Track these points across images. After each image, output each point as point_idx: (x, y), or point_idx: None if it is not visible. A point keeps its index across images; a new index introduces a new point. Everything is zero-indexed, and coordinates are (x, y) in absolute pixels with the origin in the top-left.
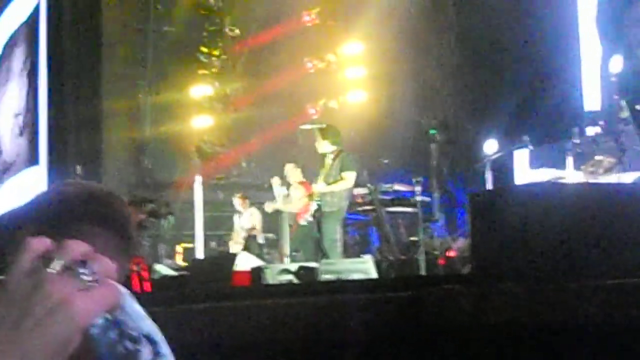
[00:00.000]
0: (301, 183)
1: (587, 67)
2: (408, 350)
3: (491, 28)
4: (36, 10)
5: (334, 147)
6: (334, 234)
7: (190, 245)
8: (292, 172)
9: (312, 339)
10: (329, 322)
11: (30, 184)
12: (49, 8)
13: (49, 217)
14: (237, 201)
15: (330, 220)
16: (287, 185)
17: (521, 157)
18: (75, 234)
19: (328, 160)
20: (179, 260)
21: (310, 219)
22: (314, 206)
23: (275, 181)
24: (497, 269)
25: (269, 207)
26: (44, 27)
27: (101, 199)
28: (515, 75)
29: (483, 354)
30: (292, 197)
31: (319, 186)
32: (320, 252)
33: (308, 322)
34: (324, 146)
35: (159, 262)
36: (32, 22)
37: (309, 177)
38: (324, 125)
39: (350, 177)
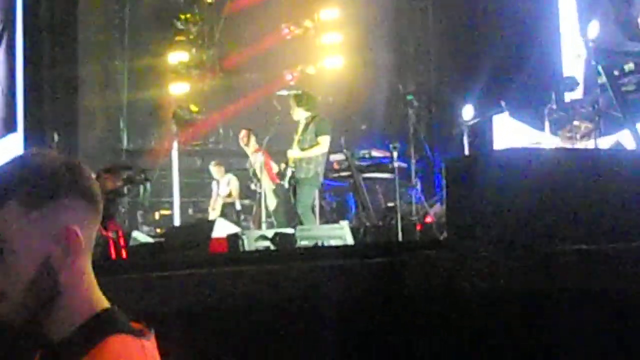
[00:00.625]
0: (256, 150)
1: (566, 33)
2: (385, 316)
3: None
4: None
5: (309, 114)
6: (309, 199)
7: (168, 212)
8: (245, 138)
9: (289, 306)
10: (306, 288)
11: (9, 151)
12: None
13: (33, 189)
14: (213, 169)
15: (305, 187)
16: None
17: (500, 123)
18: (59, 206)
19: (300, 126)
20: (157, 227)
21: (286, 185)
22: (288, 172)
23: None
24: (473, 235)
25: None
26: None
27: (74, 170)
28: (493, 41)
29: (460, 319)
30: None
31: (294, 152)
32: (297, 218)
33: (285, 289)
34: (298, 113)
35: (137, 229)
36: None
37: (283, 143)
38: (299, 92)
39: (324, 141)
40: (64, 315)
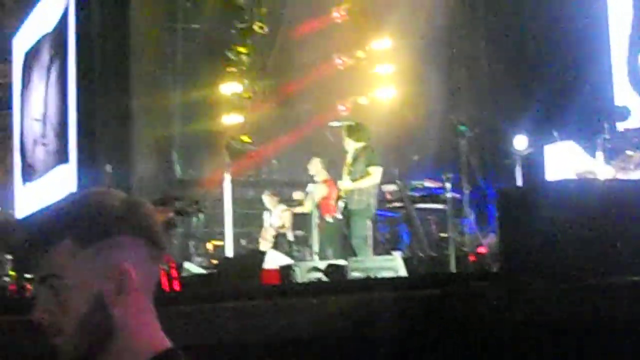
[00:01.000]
0: (324, 181)
1: (617, 62)
2: (436, 348)
3: (521, 23)
4: (64, 16)
5: (359, 144)
6: (362, 231)
7: (221, 243)
8: (316, 167)
9: (341, 337)
10: (358, 320)
11: (60, 182)
12: (77, 7)
13: (87, 227)
14: (266, 199)
15: (358, 218)
16: (312, 181)
17: (552, 153)
18: (113, 244)
19: (350, 157)
20: (210, 258)
21: (339, 216)
22: (340, 204)
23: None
24: (525, 267)
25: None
26: (72, 28)
27: (133, 208)
28: (546, 70)
29: (511, 351)
30: (315, 195)
31: (345, 183)
32: (350, 250)
33: (337, 321)
34: (348, 143)
35: (189, 260)
36: (59, 27)
37: (337, 174)
38: (350, 123)
39: (376, 172)
40: (121, 353)
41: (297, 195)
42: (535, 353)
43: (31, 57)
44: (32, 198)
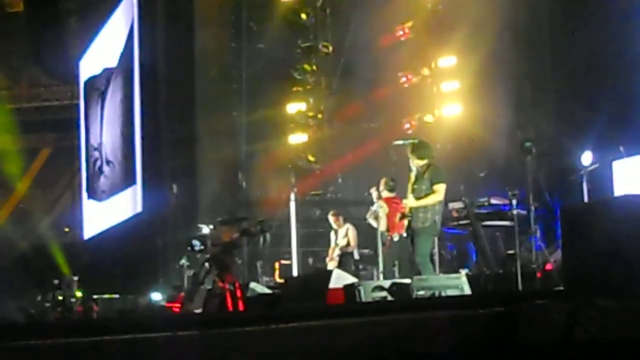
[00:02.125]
0: (386, 200)
1: None
2: None
3: (585, 39)
4: (129, 31)
5: (423, 162)
6: (426, 249)
7: (288, 262)
8: (382, 187)
9: (404, 355)
10: (422, 339)
11: (127, 203)
12: (142, 29)
13: None
14: (331, 219)
15: (423, 236)
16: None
17: (621, 169)
18: None
19: (413, 175)
20: (277, 277)
21: (404, 234)
22: (405, 222)
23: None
24: (590, 284)
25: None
26: (137, 50)
27: None
28: (611, 86)
29: None
30: (379, 214)
31: (409, 201)
32: (415, 268)
33: (402, 340)
34: (413, 161)
35: (256, 280)
36: (126, 44)
37: (402, 192)
38: (415, 141)
39: (440, 189)
40: None
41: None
42: None
43: (98, 82)
44: (99, 219)
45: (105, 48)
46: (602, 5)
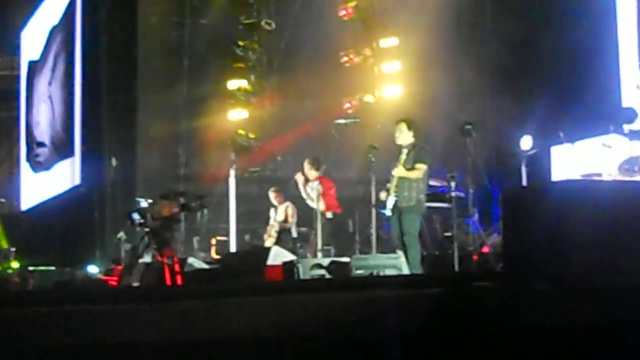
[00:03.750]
0: (318, 179)
1: (625, 63)
2: (439, 348)
3: (530, 25)
4: (71, 4)
5: (413, 140)
6: (412, 227)
7: (225, 238)
8: (307, 168)
9: (344, 335)
10: (360, 318)
11: (65, 175)
12: (84, 3)
13: None
14: (271, 195)
15: (409, 215)
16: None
17: (558, 154)
18: None
19: (403, 154)
20: (214, 253)
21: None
22: (390, 200)
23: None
24: (529, 268)
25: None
26: (79, 22)
27: None
28: (553, 72)
29: (513, 353)
30: (311, 193)
31: (399, 170)
32: (402, 247)
33: (340, 318)
34: (406, 137)
35: (193, 255)
36: (65, 22)
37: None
38: (412, 118)
39: (421, 167)
40: None
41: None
42: (538, 355)
43: (46, 51)
44: (37, 190)
45: (47, 19)
46: None
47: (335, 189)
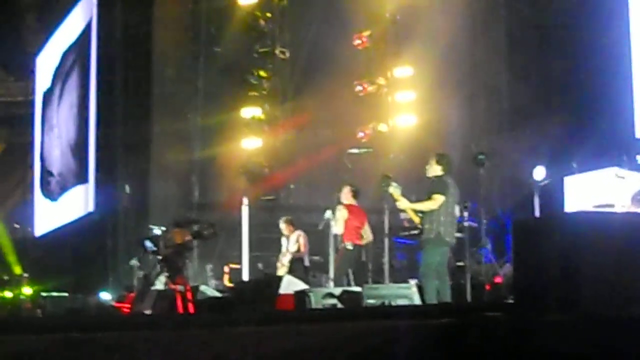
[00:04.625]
0: (348, 206)
1: (638, 94)
2: None
3: (541, 55)
4: (87, 31)
5: (441, 174)
6: (430, 261)
7: (238, 266)
8: (344, 194)
9: None
10: (371, 348)
11: (79, 201)
12: (100, 29)
13: None
14: (282, 225)
15: (427, 247)
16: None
17: (572, 185)
18: None
19: (395, 188)
20: (226, 281)
21: (359, 242)
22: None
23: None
24: (540, 298)
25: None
26: (94, 48)
27: None
28: (565, 101)
29: None
30: (336, 219)
31: (403, 202)
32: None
33: (350, 348)
34: (434, 170)
35: (206, 283)
36: (82, 43)
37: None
38: (443, 152)
39: (436, 198)
40: None
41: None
42: None
43: (55, 77)
44: (51, 217)
45: (63, 45)
46: (557, 25)
47: (365, 222)
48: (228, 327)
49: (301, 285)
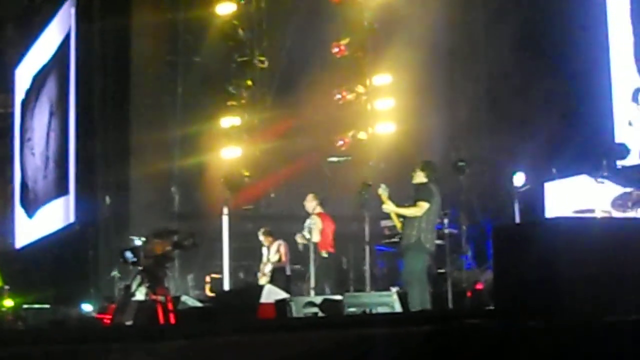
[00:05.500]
0: (319, 214)
1: (618, 99)
2: None
3: (521, 61)
4: (65, 42)
5: (425, 181)
6: (411, 266)
7: (219, 276)
8: (310, 202)
9: None
10: (353, 356)
11: (59, 213)
12: (78, 40)
13: None
14: (261, 237)
15: (409, 253)
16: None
17: (551, 190)
18: None
19: (384, 191)
20: (208, 291)
21: (331, 250)
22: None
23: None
24: (520, 305)
25: (300, 239)
26: (73, 59)
27: None
28: (545, 107)
29: None
30: (311, 228)
31: (389, 206)
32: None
33: (332, 356)
34: (418, 177)
35: (187, 293)
36: (61, 55)
37: (333, 208)
38: (429, 160)
39: (420, 205)
40: None
41: (299, 238)
42: None
43: (33, 89)
44: (31, 228)
45: (42, 57)
46: (537, 31)
47: (334, 229)
48: (209, 337)
49: (282, 294)
